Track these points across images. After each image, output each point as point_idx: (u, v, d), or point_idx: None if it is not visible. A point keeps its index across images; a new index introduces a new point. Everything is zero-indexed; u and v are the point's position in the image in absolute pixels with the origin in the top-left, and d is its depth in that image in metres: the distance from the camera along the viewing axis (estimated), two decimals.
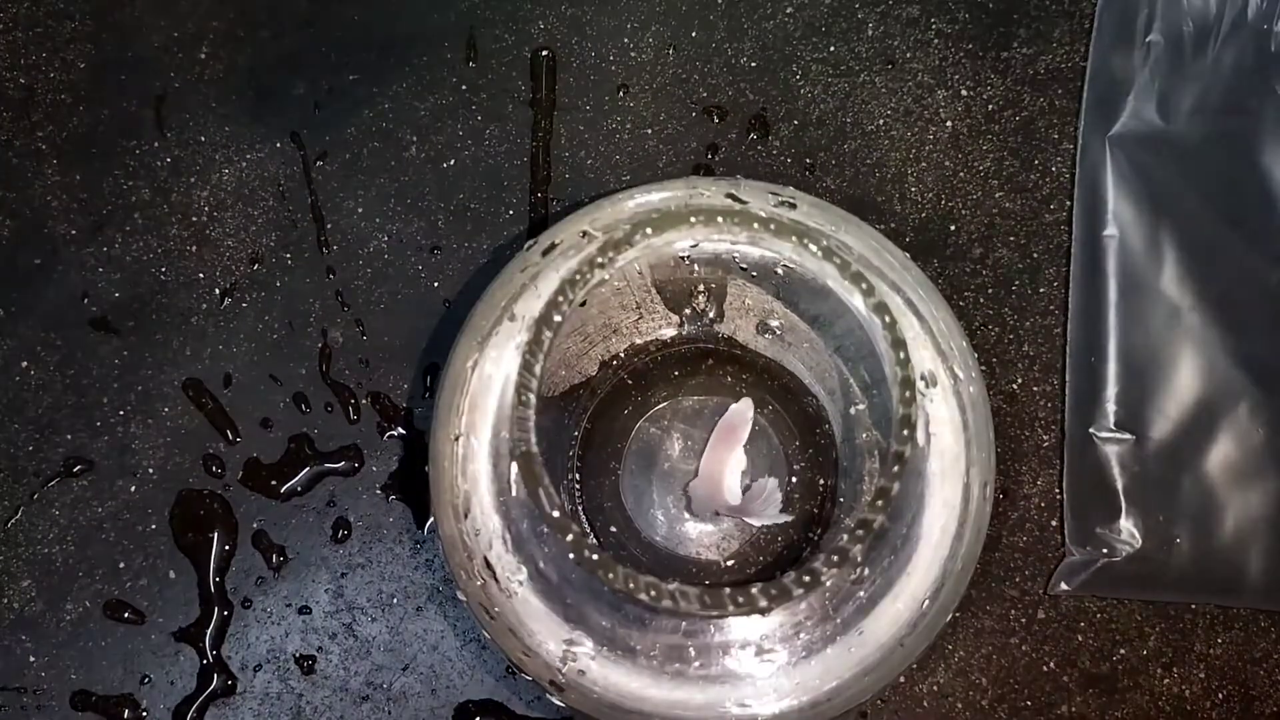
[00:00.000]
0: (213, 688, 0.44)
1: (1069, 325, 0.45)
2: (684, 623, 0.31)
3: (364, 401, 0.47)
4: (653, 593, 0.28)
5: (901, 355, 0.30)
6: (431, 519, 0.45)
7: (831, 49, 0.49)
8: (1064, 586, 0.43)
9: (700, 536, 0.43)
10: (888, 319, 0.30)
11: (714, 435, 0.42)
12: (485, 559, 0.32)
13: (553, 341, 0.30)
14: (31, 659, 0.45)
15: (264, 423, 0.47)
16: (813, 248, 0.31)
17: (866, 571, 0.32)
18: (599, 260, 0.30)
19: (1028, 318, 0.47)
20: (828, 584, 0.29)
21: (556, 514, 0.29)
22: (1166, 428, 0.44)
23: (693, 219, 0.31)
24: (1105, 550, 0.43)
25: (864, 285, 0.31)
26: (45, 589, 0.45)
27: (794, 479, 0.43)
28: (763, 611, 0.29)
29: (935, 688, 0.44)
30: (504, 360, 0.34)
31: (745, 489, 0.42)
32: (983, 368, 0.46)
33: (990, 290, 0.47)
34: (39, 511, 0.46)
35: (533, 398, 0.30)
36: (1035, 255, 0.47)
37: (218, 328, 0.47)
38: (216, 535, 0.46)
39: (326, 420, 0.47)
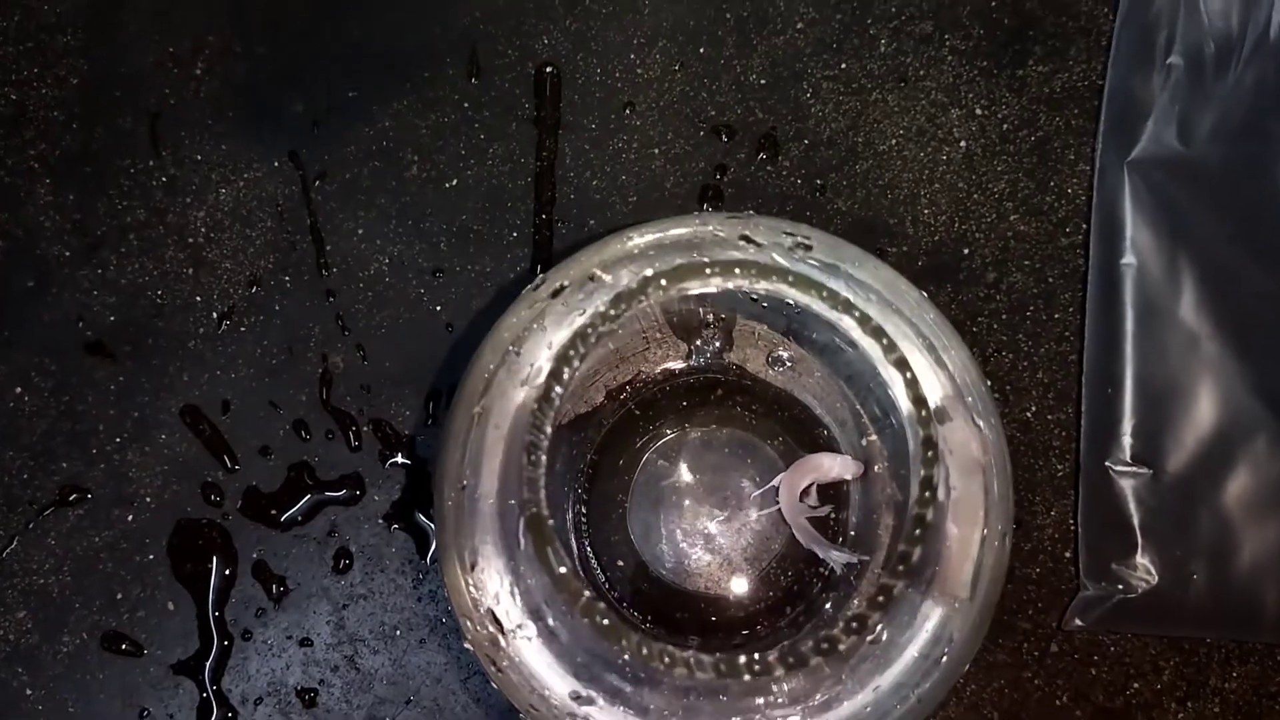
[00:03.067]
0: None
1: (1085, 355, 0.44)
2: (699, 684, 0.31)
3: (365, 429, 0.46)
4: (667, 660, 0.28)
5: (924, 413, 0.29)
6: (433, 548, 0.44)
7: (843, 66, 0.48)
8: (1078, 622, 0.43)
9: (709, 572, 0.42)
10: (909, 375, 0.30)
11: (805, 462, 0.41)
12: (491, 612, 0.32)
13: (563, 398, 0.29)
14: (28, 692, 0.44)
15: (263, 450, 0.46)
16: (831, 301, 0.30)
17: (884, 633, 0.31)
18: (610, 313, 0.29)
19: (1042, 344, 0.46)
20: (844, 650, 0.28)
21: (565, 573, 0.28)
22: (1184, 460, 0.43)
23: (708, 270, 0.30)
24: (1121, 586, 0.42)
25: (884, 340, 0.30)
26: (41, 620, 0.44)
27: (807, 519, 0.42)
28: (778, 680, 0.29)
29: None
30: (510, 405, 0.33)
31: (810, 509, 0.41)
32: (996, 396, 0.45)
33: (1004, 316, 0.46)
34: (34, 541, 0.45)
35: (543, 457, 0.29)
36: (1050, 280, 0.46)
37: (215, 352, 0.46)
38: (215, 565, 0.45)
39: (327, 448, 0.46)
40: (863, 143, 0.48)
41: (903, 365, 0.29)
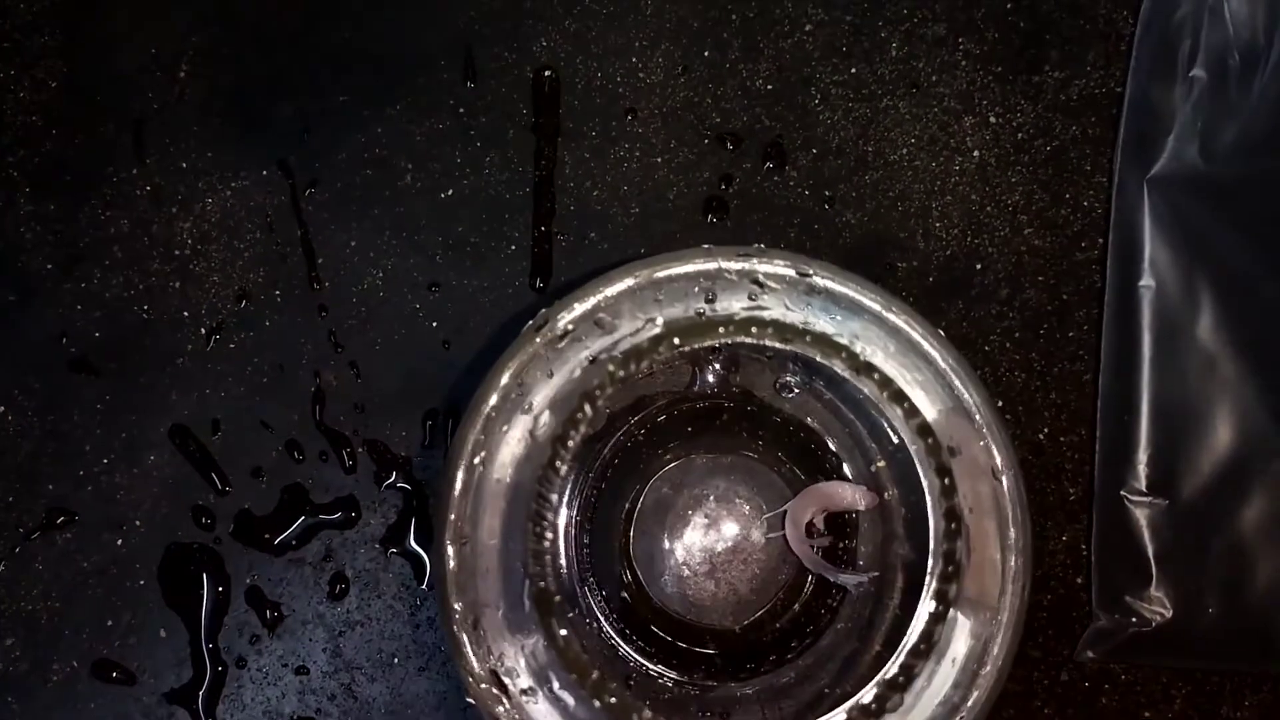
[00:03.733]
0: None
1: (1100, 380, 0.43)
2: None
3: (360, 450, 0.45)
4: None
5: (946, 482, 0.28)
6: (430, 572, 0.43)
7: (852, 70, 0.46)
8: (1090, 654, 0.42)
9: (715, 604, 0.41)
10: (930, 441, 0.28)
11: (817, 489, 0.40)
12: (494, 673, 0.31)
13: (569, 461, 0.28)
14: None
15: (255, 472, 0.44)
16: (850, 364, 0.29)
17: (903, 702, 0.30)
18: (619, 374, 0.28)
19: (1056, 363, 0.45)
20: None
21: (574, 650, 0.27)
22: (1200, 488, 0.42)
23: (722, 329, 0.29)
24: (1134, 619, 0.41)
25: (905, 404, 0.29)
26: (30, 648, 0.43)
27: (814, 544, 0.41)
28: None
29: None
30: (514, 457, 0.32)
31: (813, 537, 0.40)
32: (1008, 417, 0.44)
33: (1017, 334, 0.45)
34: (21, 566, 0.44)
35: (548, 533, 0.28)
36: (1065, 297, 0.45)
37: (204, 370, 0.45)
38: (207, 591, 0.44)
39: (321, 470, 0.44)
40: (873, 152, 0.46)
41: (925, 432, 0.28)
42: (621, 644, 0.38)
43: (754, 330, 0.29)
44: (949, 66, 0.46)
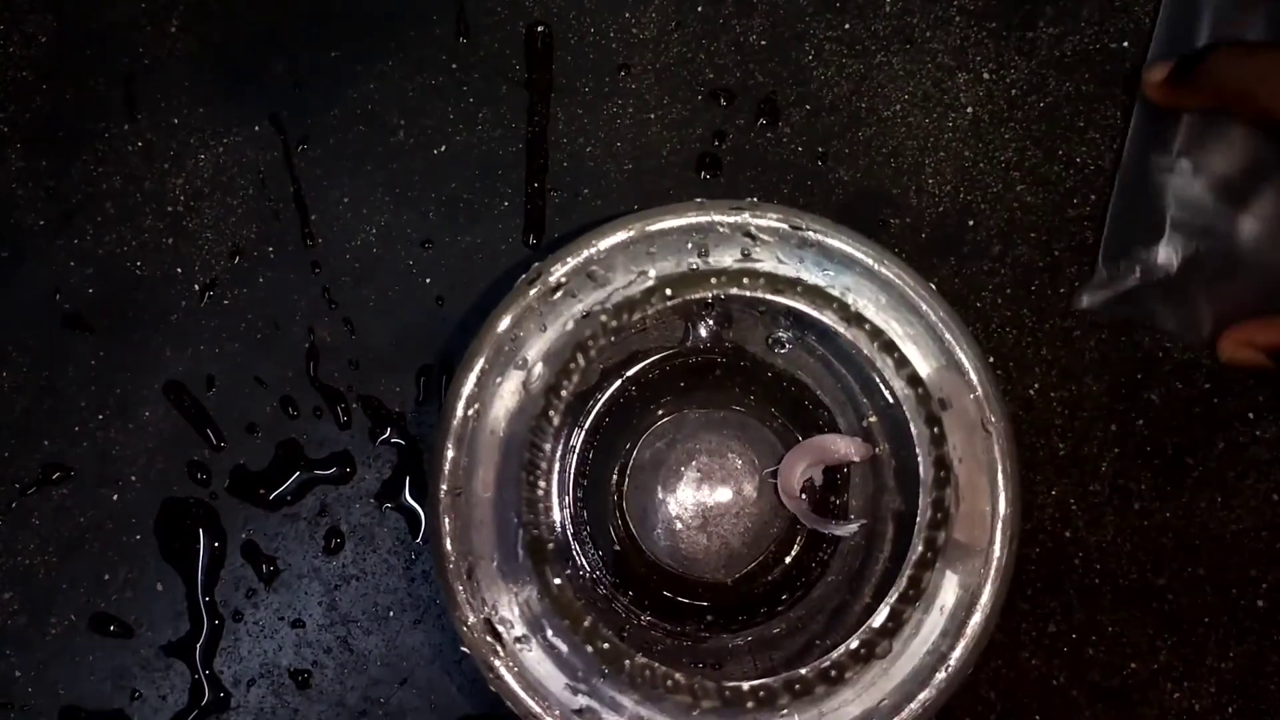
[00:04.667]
0: (205, 703, 0.43)
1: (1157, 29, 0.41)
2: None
3: (355, 405, 0.45)
4: (669, 684, 0.27)
5: (936, 431, 0.28)
6: (424, 528, 0.44)
7: (846, 26, 0.46)
8: (1086, 301, 0.42)
9: (706, 556, 0.41)
10: (920, 390, 0.29)
11: (811, 442, 0.40)
12: (489, 621, 0.31)
13: (563, 413, 0.28)
14: (17, 674, 0.43)
15: (250, 428, 0.45)
16: (842, 313, 0.29)
17: (892, 648, 0.31)
18: (612, 324, 0.28)
19: (1047, 319, 0.45)
20: (849, 678, 0.28)
21: (567, 596, 0.27)
22: (1232, 160, 0.41)
23: (714, 279, 0.29)
24: (1138, 272, 0.40)
25: (895, 355, 0.29)
26: (28, 602, 0.44)
27: (804, 495, 0.41)
28: (784, 710, 0.28)
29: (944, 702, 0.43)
30: (508, 409, 0.32)
31: (805, 490, 0.40)
32: (999, 372, 0.44)
33: (1009, 290, 0.45)
34: (18, 521, 0.44)
35: (541, 481, 0.28)
36: (1056, 253, 0.45)
37: (199, 326, 0.45)
38: (204, 546, 0.44)
39: (316, 425, 0.45)
40: (866, 108, 0.46)
41: (915, 381, 0.28)
42: (615, 596, 0.39)
43: (745, 282, 0.29)
44: (943, 22, 0.46)
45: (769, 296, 0.29)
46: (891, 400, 0.36)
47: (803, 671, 0.28)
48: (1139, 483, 0.44)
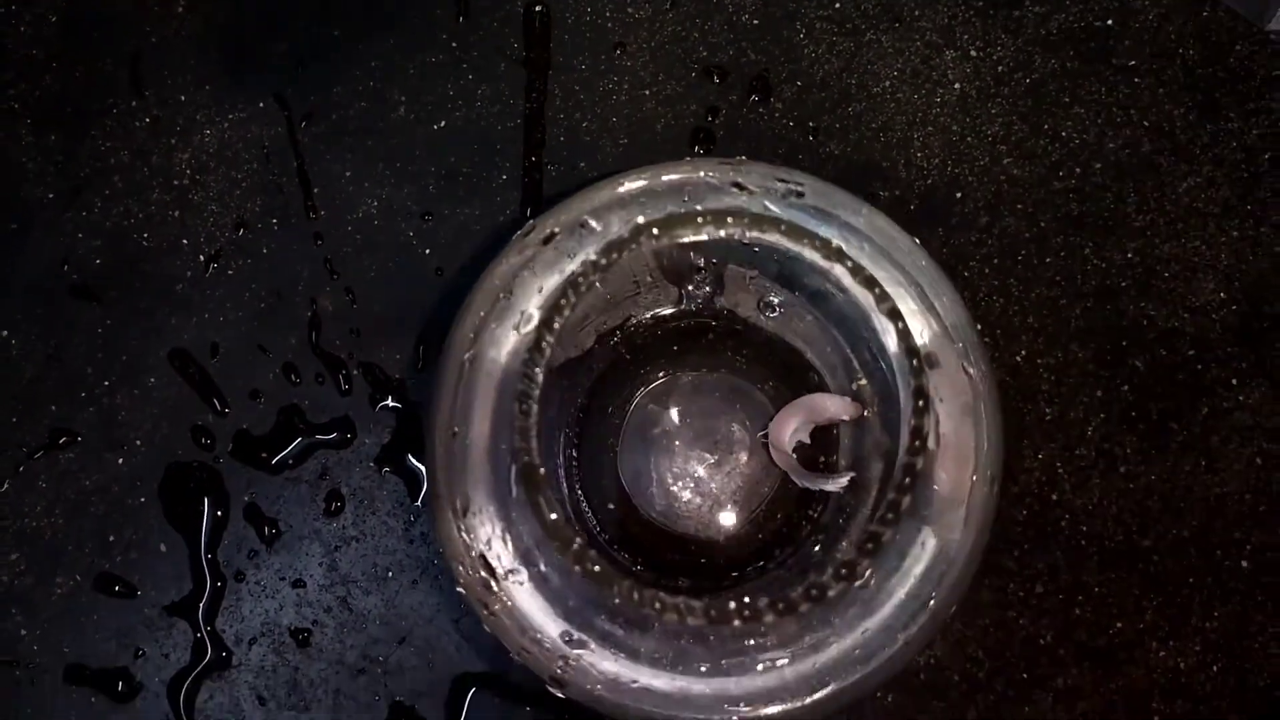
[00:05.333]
0: (208, 661, 0.44)
1: None
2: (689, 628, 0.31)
3: (355, 372, 0.46)
4: (658, 605, 0.28)
5: (915, 362, 0.29)
6: (424, 490, 0.45)
7: (836, 5, 0.48)
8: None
9: (699, 515, 0.42)
10: (900, 325, 0.30)
11: (802, 401, 0.41)
12: (483, 557, 0.32)
13: (554, 346, 0.29)
14: (23, 632, 0.44)
15: (253, 394, 0.46)
16: (823, 251, 0.30)
17: (872, 578, 0.31)
18: (601, 262, 0.29)
19: (1033, 288, 0.46)
20: (833, 596, 0.29)
21: (558, 521, 0.28)
22: None
23: (700, 219, 0.30)
24: None
25: (876, 290, 0.30)
26: (34, 562, 0.45)
27: (795, 454, 0.42)
28: (769, 626, 0.29)
29: (933, 661, 0.44)
30: (501, 353, 0.33)
31: (796, 451, 0.41)
32: (986, 340, 0.45)
33: (996, 260, 0.46)
34: (25, 484, 0.45)
35: (534, 406, 0.29)
36: (1042, 224, 0.46)
37: (203, 295, 0.46)
38: (207, 508, 0.45)
39: (317, 391, 0.46)
40: (856, 85, 0.47)
41: (895, 315, 0.29)
42: (609, 551, 0.39)
43: (730, 220, 0.30)
44: (931, 1, 0.47)
45: (755, 235, 0.30)
46: (879, 359, 0.37)
47: (789, 592, 0.28)
48: (1124, 447, 0.45)
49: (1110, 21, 0.47)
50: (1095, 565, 0.45)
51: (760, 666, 0.31)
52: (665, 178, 0.34)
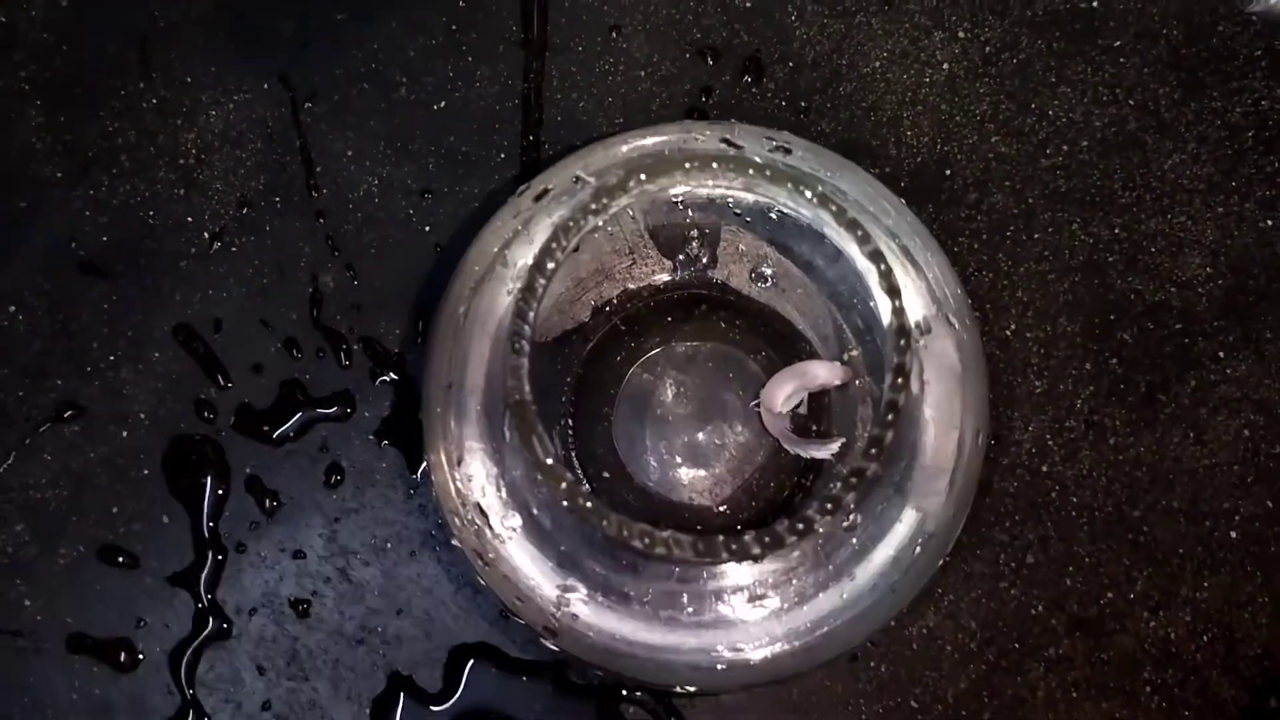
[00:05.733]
0: (208, 631, 0.45)
1: None
2: (678, 569, 0.32)
3: (355, 347, 0.46)
4: (646, 540, 0.28)
5: (896, 304, 0.30)
6: (424, 464, 0.45)
7: None
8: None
9: (693, 482, 0.43)
10: (883, 266, 0.30)
11: (794, 368, 0.42)
12: (478, 505, 0.32)
13: (546, 289, 0.30)
14: (26, 602, 0.45)
15: (255, 368, 0.46)
16: (808, 194, 0.31)
17: (859, 519, 0.32)
18: (592, 206, 0.30)
19: (1022, 264, 0.47)
20: (820, 531, 0.29)
21: (550, 462, 0.29)
22: None
23: (687, 164, 0.31)
24: None
25: (859, 232, 0.30)
26: (38, 533, 0.45)
27: (789, 422, 0.43)
28: (756, 559, 0.30)
29: (925, 630, 0.45)
30: (496, 307, 0.34)
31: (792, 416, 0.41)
32: (976, 314, 0.46)
33: (984, 236, 0.47)
34: (30, 456, 0.46)
35: (526, 345, 0.30)
36: (1030, 201, 0.47)
37: (207, 272, 0.47)
38: (209, 480, 0.46)
39: (318, 366, 0.46)
40: (846, 65, 0.48)
41: (877, 257, 0.30)
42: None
43: (715, 167, 0.30)
44: None
45: (740, 179, 0.30)
46: (866, 328, 0.38)
47: (776, 527, 0.29)
48: (1113, 419, 0.46)
49: (1095, 3, 0.48)
50: (1086, 536, 0.45)
51: (749, 610, 0.31)
52: (658, 139, 0.35)
